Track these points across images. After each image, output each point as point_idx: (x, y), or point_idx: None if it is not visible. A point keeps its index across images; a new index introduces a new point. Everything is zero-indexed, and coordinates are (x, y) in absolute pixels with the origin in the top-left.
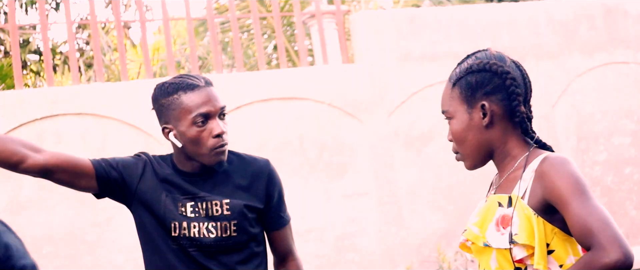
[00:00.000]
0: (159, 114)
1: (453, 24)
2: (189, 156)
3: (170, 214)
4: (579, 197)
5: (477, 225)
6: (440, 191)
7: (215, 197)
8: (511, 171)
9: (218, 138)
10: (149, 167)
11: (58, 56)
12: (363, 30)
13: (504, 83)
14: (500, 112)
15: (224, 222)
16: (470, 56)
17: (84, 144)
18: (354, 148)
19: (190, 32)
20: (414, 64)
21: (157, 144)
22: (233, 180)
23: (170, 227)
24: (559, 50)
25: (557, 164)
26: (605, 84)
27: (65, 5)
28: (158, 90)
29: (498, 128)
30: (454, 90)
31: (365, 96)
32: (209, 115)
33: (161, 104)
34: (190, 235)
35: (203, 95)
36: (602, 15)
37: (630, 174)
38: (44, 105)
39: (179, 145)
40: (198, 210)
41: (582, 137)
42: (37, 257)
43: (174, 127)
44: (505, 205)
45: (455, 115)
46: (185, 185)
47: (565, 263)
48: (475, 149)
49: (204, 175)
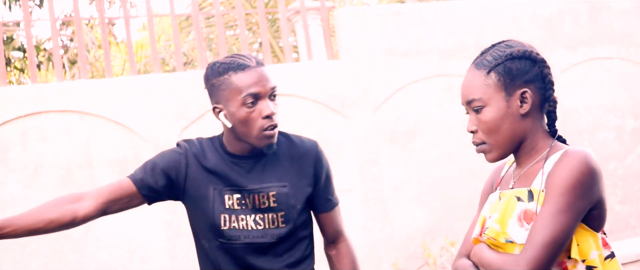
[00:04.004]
0: (210, 93)
1: (438, 19)
2: (239, 137)
3: (219, 208)
4: (556, 202)
5: (497, 221)
6: (425, 187)
7: (262, 189)
8: (532, 164)
9: (267, 119)
10: (192, 160)
11: (42, 53)
12: (348, 26)
13: (542, 71)
14: (537, 101)
15: (271, 214)
16: (499, 44)
17: (69, 140)
18: (339, 144)
19: (175, 28)
20: (399, 59)
21: (142, 142)
22: (282, 163)
23: (219, 221)
24: (543, 45)
25: (570, 159)
26: (589, 79)
27: (49, 2)
28: (209, 70)
29: (532, 118)
30: (490, 77)
31: (350, 92)
32: (259, 96)
33: (212, 83)
34: (239, 228)
35: (253, 76)
36: (586, 10)
37: (614, 169)
38: (28, 102)
39: (229, 126)
40: (245, 202)
41: (566, 133)
42: (22, 254)
43: (224, 107)
44: (525, 199)
45: (490, 103)
46: (232, 176)
47: (588, 258)
48: (509, 139)
49: (253, 158)
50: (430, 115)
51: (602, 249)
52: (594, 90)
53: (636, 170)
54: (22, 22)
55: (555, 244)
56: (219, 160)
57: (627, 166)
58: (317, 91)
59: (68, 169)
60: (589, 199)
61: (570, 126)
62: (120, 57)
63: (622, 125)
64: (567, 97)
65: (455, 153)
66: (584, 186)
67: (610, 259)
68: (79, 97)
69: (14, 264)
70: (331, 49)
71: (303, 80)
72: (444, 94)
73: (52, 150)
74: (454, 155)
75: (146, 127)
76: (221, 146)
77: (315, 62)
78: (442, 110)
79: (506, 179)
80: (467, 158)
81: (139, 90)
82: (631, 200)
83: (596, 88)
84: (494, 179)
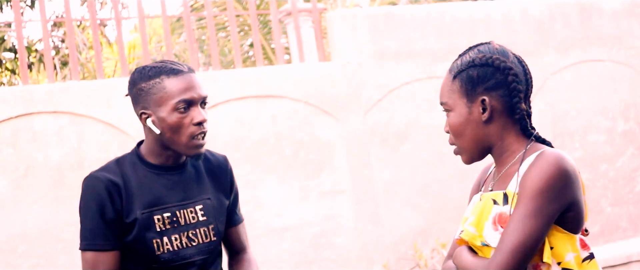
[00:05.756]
0: (136, 98)
1: (429, 21)
2: (165, 145)
3: (150, 234)
4: (526, 207)
5: (473, 224)
6: (416, 189)
7: (189, 204)
8: (508, 166)
9: (199, 126)
10: (114, 192)
11: (33, 54)
12: (339, 28)
13: (506, 79)
14: (501, 108)
15: (202, 228)
16: (472, 49)
17: (60, 142)
18: (330, 146)
19: (166, 30)
20: (390, 61)
21: (133, 142)
22: (201, 175)
23: (152, 246)
24: (534, 47)
25: (541, 162)
26: (580, 81)
27: (41, 3)
28: (138, 74)
29: (497, 124)
30: (455, 82)
31: (342, 94)
32: (192, 102)
33: (140, 88)
34: (172, 249)
35: (186, 81)
36: (577, 12)
37: (605, 171)
38: (19, 103)
39: (157, 132)
40: (176, 220)
41: (557, 135)
42: (12, 256)
43: (152, 112)
44: (500, 202)
45: (454, 108)
46: (158, 193)
47: (564, 260)
48: (473, 144)
49: (176, 169)
50: (422, 117)
51: (580, 251)
52: (585, 92)
53: (627, 172)
54: (13, 23)
55: (525, 249)
56: (142, 177)
57: (618, 168)
58: (308, 93)
59: (59, 171)
60: (561, 201)
61: (561, 128)
62: (111, 58)
63: (613, 127)
64: (557, 99)
65: (446, 155)
66: (554, 189)
67: (588, 261)
68: (70, 98)
69: (4, 265)
70: (323, 50)
71: (294, 82)
72: (435, 96)
73: (43, 151)
74: (445, 157)
75: (137, 128)
76: (140, 160)
77: (306, 63)
78: (434, 112)
79: (488, 181)
80: (458, 160)
81: None
82: (622, 202)
83: (587, 90)
84: (482, 178)
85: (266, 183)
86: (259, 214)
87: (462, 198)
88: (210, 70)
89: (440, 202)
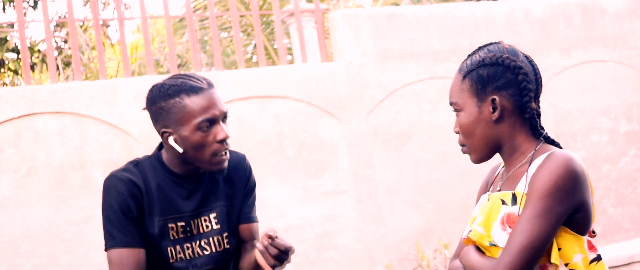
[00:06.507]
0: (157, 116)
1: (431, 21)
2: (188, 162)
3: (165, 241)
4: (534, 207)
5: (481, 224)
6: (419, 189)
7: (203, 212)
8: (518, 166)
9: (222, 143)
10: (137, 193)
11: (36, 54)
12: (342, 29)
13: (516, 78)
14: (511, 107)
15: (216, 236)
16: (482, 48)
17: (62, 142)
18: (332, 146)
19: (169, 30)
20: (393, 62)
21: (136, 143)
22: (218, 182)
23: (166, 255)
24: (537, 48)
25: (551, 163)
26: (583, 82)
27: (43, 4)
28: (157, 92)
29: (507, 123)
30: (464, 82)
31: (344, 94)
32: (214, 120)
33: (160, 106)
34: (185, 257)
35: (207, 99)
36: (580, 13)
37: (608, 172)
38: (22, 103)
39: (180, 151)
40: (190, 230)
41: (559, 135)
42: (15, 256)
43: (174, 131)
44: (509, 203)
45: (464, 107)
46: (175, 201)
47: (572, 261)
48: (483, 143)
49: (198, 178)
50: (424, 117)
51: (587, 252)
52: (588, 93)
53: (629, 172)
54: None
55: (533, 249)
56: (161, 183)
57: (620, 169)
58: (311, 93)
59: (61, 171)
60: (570, 203)
61: (564, 129)
62: (114, 58)
63: (615, 127)
64: (560, 100)
65: (448, 155)
66: (563, 190)
67: (596, 262)
68: (73, 98)
69: (6, 265)
70: (325, 51)
71: (297, 82)
72: (437, 96)
73: (45, 151)
74: (447, 158)
75: (140, 128)
76: (162, 166)
77: (309, 64)
78: (436, 112)
79: (497, 180)
80: (461, 160)
81: (133, 92)
82: (624, 203)
83: (590, 91)
84: (490, 178)
85: (268, 183)
86: (261, 214)
87: (464, 198)
88: (212, 71)
89: (442, 203)
